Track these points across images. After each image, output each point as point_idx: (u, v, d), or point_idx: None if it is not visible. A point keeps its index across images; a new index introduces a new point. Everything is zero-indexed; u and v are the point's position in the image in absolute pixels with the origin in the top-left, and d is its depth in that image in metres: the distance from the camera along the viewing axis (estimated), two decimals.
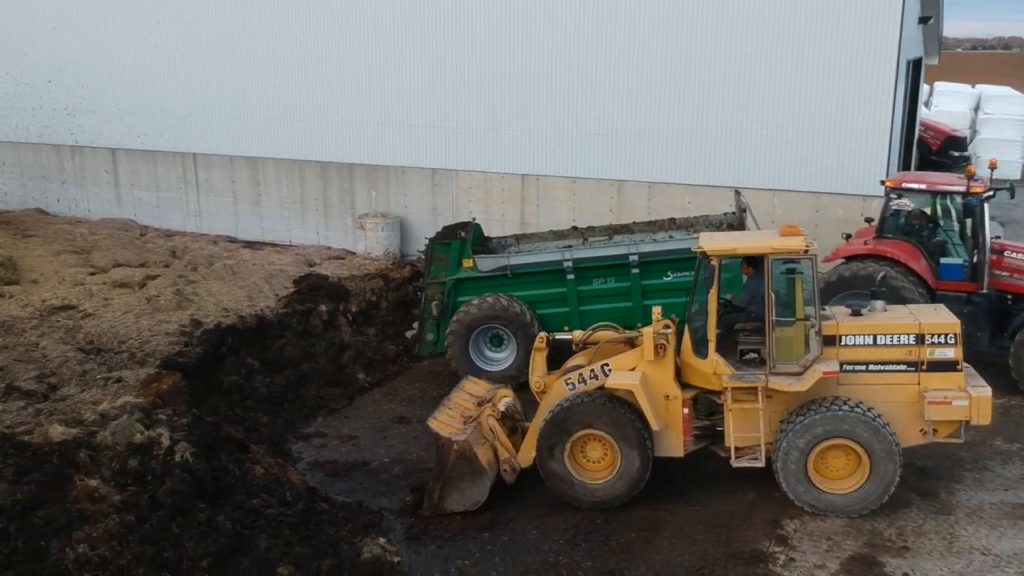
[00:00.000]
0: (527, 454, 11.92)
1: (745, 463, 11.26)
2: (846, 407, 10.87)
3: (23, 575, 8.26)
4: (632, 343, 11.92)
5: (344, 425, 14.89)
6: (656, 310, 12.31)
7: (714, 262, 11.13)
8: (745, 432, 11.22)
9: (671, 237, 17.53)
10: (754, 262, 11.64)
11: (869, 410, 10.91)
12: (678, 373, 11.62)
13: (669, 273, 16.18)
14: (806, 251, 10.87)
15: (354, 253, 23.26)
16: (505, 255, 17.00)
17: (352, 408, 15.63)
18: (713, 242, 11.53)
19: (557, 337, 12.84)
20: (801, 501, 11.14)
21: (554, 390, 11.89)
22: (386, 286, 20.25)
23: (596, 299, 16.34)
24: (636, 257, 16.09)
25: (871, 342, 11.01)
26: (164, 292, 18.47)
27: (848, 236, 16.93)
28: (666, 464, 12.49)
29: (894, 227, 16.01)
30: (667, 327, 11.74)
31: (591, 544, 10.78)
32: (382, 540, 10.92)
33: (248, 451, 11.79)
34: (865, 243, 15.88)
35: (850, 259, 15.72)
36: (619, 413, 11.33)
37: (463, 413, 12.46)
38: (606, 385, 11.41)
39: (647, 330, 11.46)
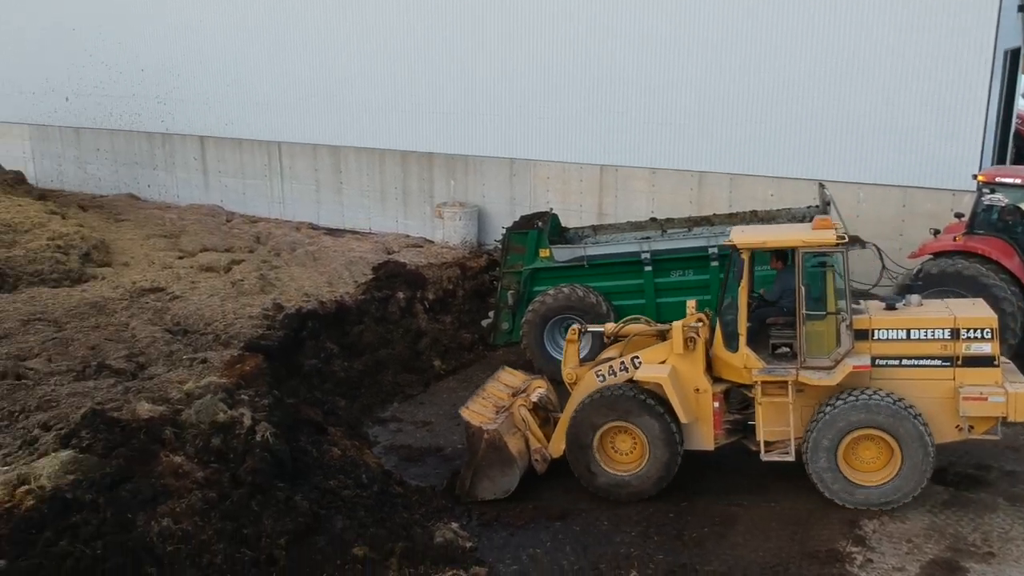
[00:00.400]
0: (558, 444, 11.93)
1: (775, 457, 11.19)
2: (875, 397, 10.71)
3: (111, 546, 8.56)
4: (663, 336, 11.85)
5: (419, 411, 15.06)
6: (690, 303, 12.29)
7: (743, 255, 11.07)
8: (776, 426, 11.14)
9: None
10: (783, 256, 11.49)
11: (899, 400, 10.72)
12: (710, 367, 11.57)
13: None
14: (837, 244, 10.77)
15: (432, 241, 23.48)
16: (582, 245, 16.95)
17: (427, 394, 15.79)
18: (743, 235, 11.44)
19: (590, 329, 12.84)
20: (831, 493, 10.99)
21: (585, 381, 11.91)
22: (463, 275, 20.37)
23: (673, 291, 16.14)
24: (715, 250, 15.86)
25: (904, 336, 10.87)
26: (248, 276, 18.93)
27: (936, 232, 16.42)
28: (740, 459, 12.36)
29: (986, 223, 15.46)
30: (700, 321, 11.73)
31: (663, 537, 10.70)
32: (455, 525, 11.02)
33: (326, 433, 12.01)
34: (955, 239, 15.38)
35: (938, 255, 15.26)
36: (648, 406, 11.30)
37: (496, 403, 12.55)
38: (635, 378, 11.43)
39: (676, 324, 11.44)
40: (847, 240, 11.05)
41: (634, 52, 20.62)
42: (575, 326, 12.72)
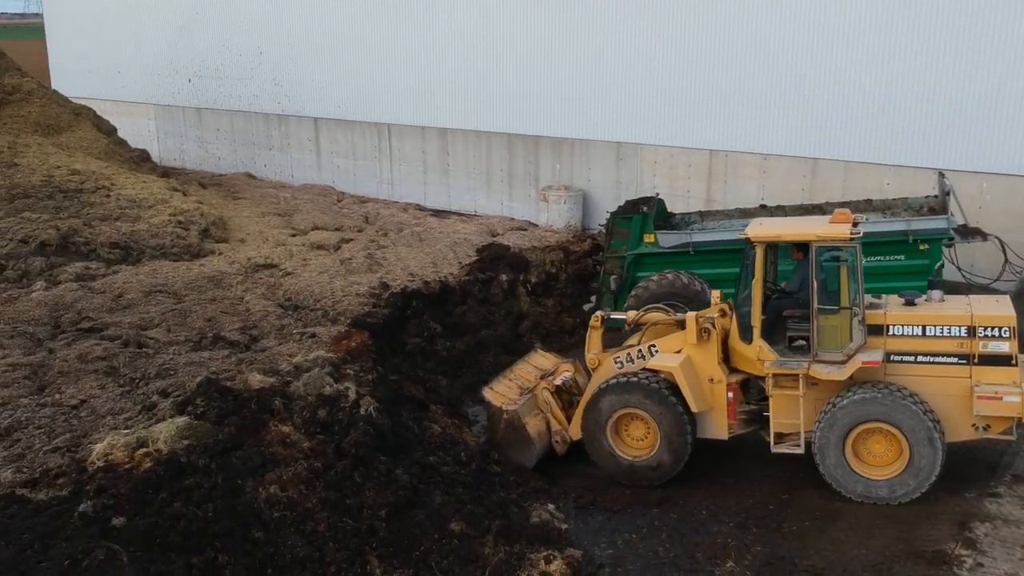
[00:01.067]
0: (577, 427, 12.14)
1: (785, 449, 11.21)
2: (884, 391, 10.63)
3: (221, 509, 8.94)
4: (681, 325, 11.92)
5: None
6: (715, 294, 12.40)
7: (758, 249, 11.10)
8: (788, 418, 11.16)
9: (866, 220, 16.69)
10: (804, 248, 11.28)
11: (908, 395, 10.61)
12: (728, 357, 11.65)
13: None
14: (851, 239, 10.71)
15: (536, 225, 23.55)
16: (688, 231, 16.75)
17: None
18: (759, 228, 11.49)
19: (612, 315, 12.84)
20: (839, 485, 10.95)
21: (604, 367, 12.17)
22: (566, 258, 20.34)
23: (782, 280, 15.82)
24: None
25: (920, 333, 10.79)
26: (356, 255, 19.37)
27: None
28: None
29: None
30: (722, 312, 11.75)
31: (762, 529, 10.54)
32: (551, 506, 11.11)
33: (427, 410, 12.23)
34: None
35: None
36: (659, 393, 11.44)
37: (521, 384, 12.80)
38: (649, 366, 11.63)
39: (691, 315, 11.62)
40: (861, 234, 11.07)
41: (745, 37, 20.18)
42: (598, 313, 12.85)
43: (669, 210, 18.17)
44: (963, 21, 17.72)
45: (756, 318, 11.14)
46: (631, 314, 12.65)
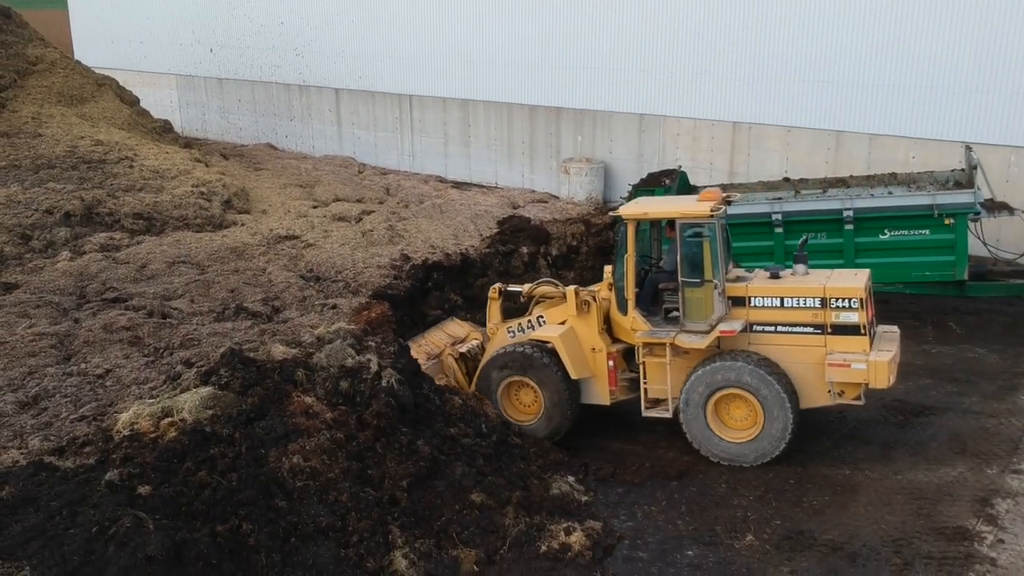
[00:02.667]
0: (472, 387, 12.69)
1: (654, 414, 11.86)
2: (739, 359, 11.21)
3: (245, 478, 9.04)
4: (565, 297, 12.58)
5: None
6: (607, 270, 12.85)
7: (628, 225, 11.69)
8: (659, 384, 11.78)
9: (890, 193, 16.58)
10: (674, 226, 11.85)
11: (762, 362, 11.16)
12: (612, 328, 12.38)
13: (886, 231, 15.46)
14: (711, 216, 11.20)
15: (557, 197, 23.50)
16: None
17: None
18: (630, 207, 12.16)
19: (509, 288, 13.35)
20: (705, 451, 11.53)
21: (498, 336, 12.89)
22: (587, 231, 20.24)
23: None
24: (851, 212, 15.37)
25: (779, 304, 11.31)
26: (378, 227, 19.40)
27: None
28: (864, 429, 12.09)
29: None
30: (612, 287, 12.30)
31: (782, 503, 10.54)
32: (571, 479, 11.15)
33: None
34: None
35: None
36: (540, 362, 12.10)
37: (430, 351, 13.27)
38: (533, 336, 12.35)
39: (570, 289, 12.40)
40: (723, 210, 11.63)
41: (774, 6, 19.92)
42: (496, 285, 13.43)
43: (691, 183, 18.05)
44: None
45: (629, 291, 11.85)
46: (525, 287, 13.30)
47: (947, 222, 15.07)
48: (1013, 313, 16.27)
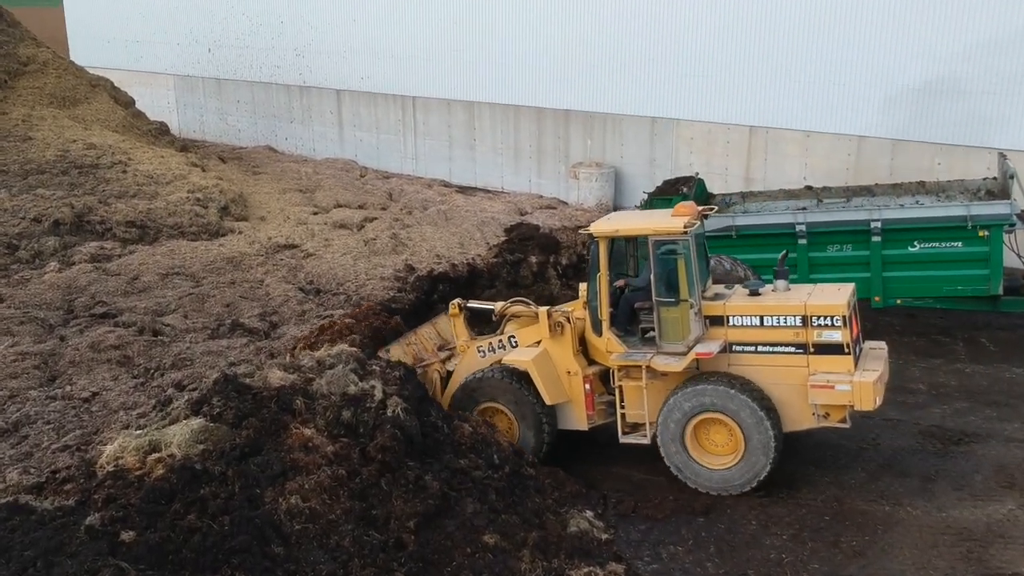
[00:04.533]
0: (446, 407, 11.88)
1: (632, 440, 11.23)
2: (716, 382, 10.63)
3: (238, 522, 8.28)
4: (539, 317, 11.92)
5: None
6: (582, 287, 12.16)
7: (600, 243, 11.07)
8: (637, 409, 11.17)
9: (918, 203, 15.85)
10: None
11: (740, 385, 10.56)
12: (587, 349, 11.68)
13: (916, 243, 14.72)
14: (685, 232, 10.59)
15: (565, 203, 22.72)
16: (730, 214, 15.88)
17: None
18: (602, 223, 11.49)
19: (470, 304, 12.58)
20: (680, 474, 10.93)
21: (468, 355, 12.12)
22: None
23: (829, 267, 15.05)
24: (879, 224, 14.61)
25: (758, 323, 10.70)
26: (381, 235, 18.66)
27: None
28: (901, 458, 11.35)
29: None
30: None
31: (819, 544, 9.78)
32: (589, 514, 10.40)
33: None
34: None
35: None
36: (512, 388, 11.50)
37: (417, 352, 12.56)
38: (505, 360, 11.64)
39: (542, 310, 11.69)
40: (698, 226, 10.98)
41: (790, 6, 19.13)
42: (456, 301, 12.61)
43: (709, 190, 17.30)
44: None
45: (603, 311, 11.22)
46: (498, 305, 12.55)
47: (981, 234, 14.31)
48: None
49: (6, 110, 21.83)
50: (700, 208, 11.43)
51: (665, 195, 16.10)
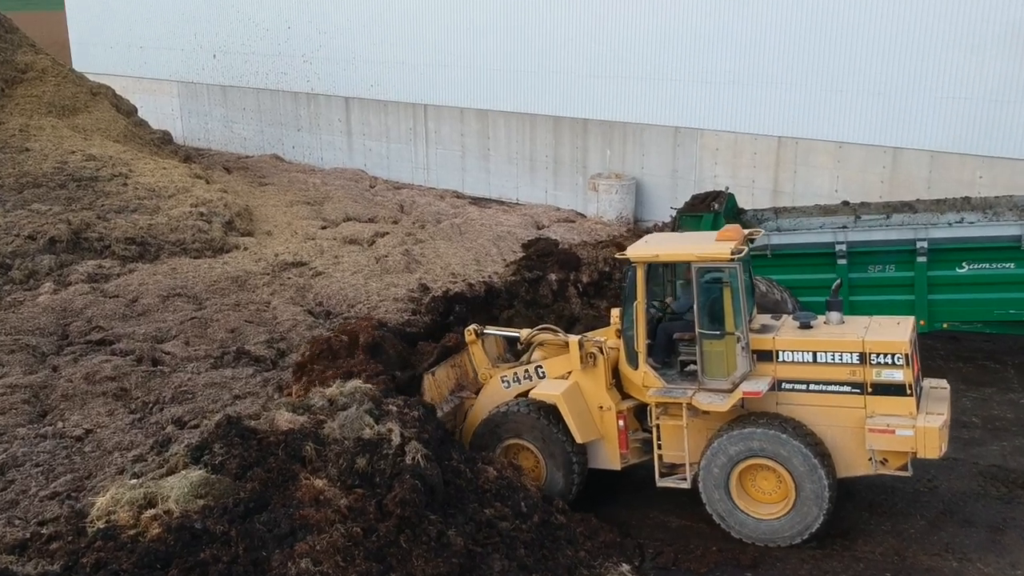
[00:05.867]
0: (465, 443, 10.98)
1: (670, 483, 10.30)
2: (766, 424, 9.69)
3: None
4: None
5: None
6: (614, 313, 11.27)
7: (638, 269, 10.17)
8: (676, 449, 10.25)
9: (963, 220, 14.93)
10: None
11: (792, 428, 9.65)
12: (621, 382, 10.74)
13: (964, 264, 13.81)
14: (732, 259, 9.62)
15: (584, 216, 21.86)
16: (765, 232, 14.95)
17: None
18: (640, 247, 10.51)
19: (488, 331, 11.62)
20: (726, 526, 10.01)
21: (491, 386, 11.24)
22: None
23: (870, 289, 14.18)
24: (926, 244, 13.69)
25: (811, 359, 9.77)
26: (393, 252, 17.80)
27: None
28: (963, 504, 10.44)
29: None
30: (619, 332, 10.64)
31: None
32: (625, 567, 9.51)
33: None
34: None
35: None
36: (544, 426, 10.56)
37: (459, 379, 11.70)
38: (533, 395, 10.69)
39: (573, 340, 10.69)
40: (745, 252, 9.90)
41: (818, 11, 18.23)
42: (472, 327, 11.63)
43: (739, 206, 16.39)
44: None
45: (640, 342, 10.29)
46: (523, 332, 11.59)
47: None
48: None
49: (3, 120, 21.05)
50: (746, 231, 10.48)
51: (695, 211, 15.18)
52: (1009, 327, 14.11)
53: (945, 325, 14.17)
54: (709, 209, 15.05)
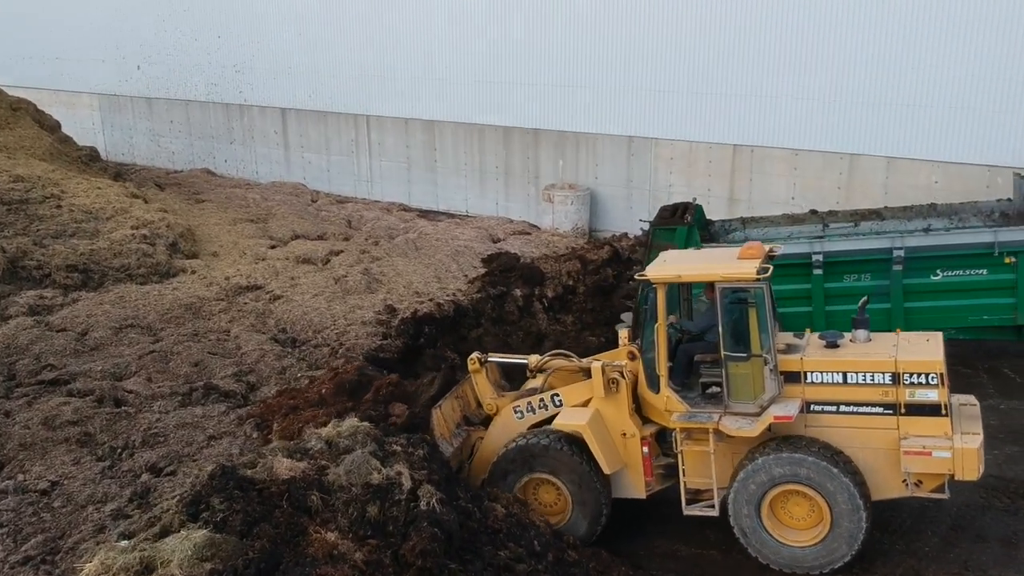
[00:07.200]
0: (475, 480, 10.61)
1: (696, 511, 10.02)
2: (800, 449, 9.50)
3: None
4: (588, 373, 10.61)
5: None
6: (623, 334, 11.06)
7: (659, 290, 9.85)
8: (701, 476, 9.97)
9: (929, 226, 15.05)
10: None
11: (828, 453, 9.47)
12: (640, 406, 10.46)
13: (939, 272, 13.86)
14: (758, 279, 9.43)
15: (538, 227, 21.47)
16: (735, 243, 14.81)
17: None
18: (660, 267, 10.21)
19: (491, 358, 11.32)
20: (758, 554, 9.80)
21: (502, 417, 10.85)
22: (583, 268, 18.31)
23: (846, 298, 14.07)
24: (902, 252, 13.71)
25: (841, 380, 9.58)
26: (351, 272, 17.09)
27: None
28: (971, 518, 10.47)
29: None
30: (631, 355, 10.35)
31: None
32: None
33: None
34: None
35: None
36: (566, 458, 10.18)
37: (468, 412, 11.31)
38: (555, 426, 10.32)
39: (596, 365, 10.31)
40: (770, 273, 9.77)
41: (771, 16, 18.21)
42: (475, 355, 11.28)
43: (708, 217, 16.24)
44: None
45: (662, 366, 9.96)
46: (532, 359, 11.24)
47: (1008, 260, 13.54)
48: None
49: None
50: (767, 249, 10.19)
51: (668, 224, 14.95)
52: (983, 333, 14.25)
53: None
54: (684, 222, 14.83)
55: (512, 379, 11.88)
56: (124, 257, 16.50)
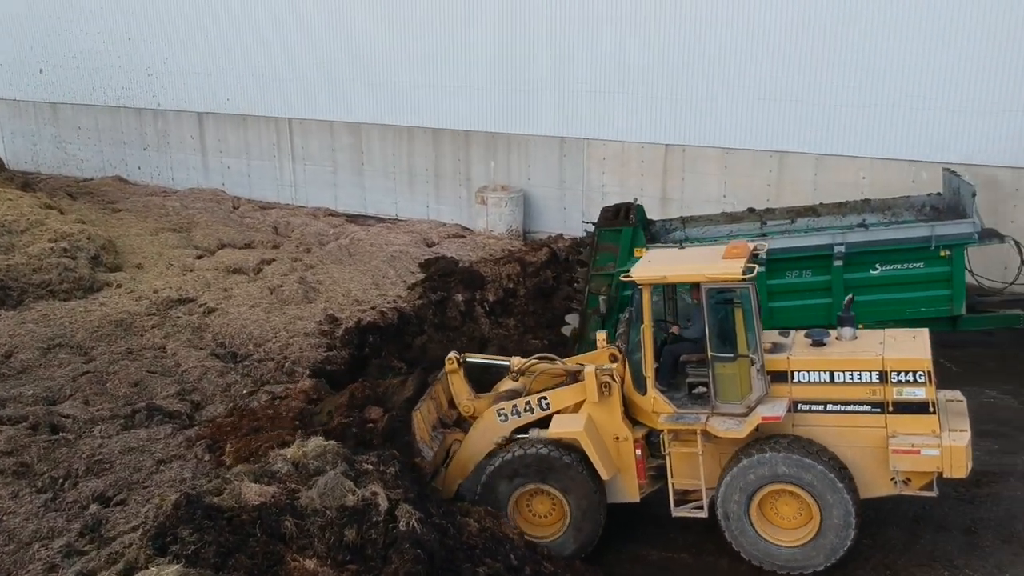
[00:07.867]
0: (451, 485, 10.45)
1: (686, 512, 9.98)
2: (787, 448, 9.47)
3: None
4: (575, 377, 10.47)
5: None
6: (600, 336, 10.83)
7: (644, 291, 9.78)
8: (689, 477, 9.94)
9: (864, 221, 15.38)
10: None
11: (815, 451, 9.46)
12: (628, 408, 10.32)
13: (877, 266, 14.17)
14: (744, 279, 9.38)
15: (471, 230, 21.23)
16: (680, 243, 14.88)
17: None
18: (645, 268, 10.09)
19: (468, 358, 11.18)
20: (747, 554, 9.77)
21: (484, 419, 10.56)
22: (523, 271, 18.18)
23: (788, 295, 14.32)
24: (843, 248, 13.95)
25: (828, 379, 9.58)
26: (287, 281, 16.58)
27: None
28: (930, 510, 10.60)
29: None
30: (613, 357, 10.21)
31: None
32: None
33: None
34: None
35: None
36: (569, 466, 9.96)
37: (440, 414, 11.05)
38: (550, 435, 10.11)
39: (589, 370, 10.12)
40: (756, 273, 9.74)
41: (704, 19, 18.38)
42: (452, 355, 11.07)
43: (648, 216, 16.28)
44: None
45: (648, 367, 9.87)
46: (515, 361, 11.00)
47: (943, 254, 13.91)
48: (997, 344, 15.37)
49: None
50: (752, 248, 10.12)
51: (612, 226, 14.90)
52: (920, 325, 14.58)
53: (861, 326, 14.49)
54: (629, 223, 14.82)
55: (478, 382, 11.55)
56: (44, 272, 15.66)
